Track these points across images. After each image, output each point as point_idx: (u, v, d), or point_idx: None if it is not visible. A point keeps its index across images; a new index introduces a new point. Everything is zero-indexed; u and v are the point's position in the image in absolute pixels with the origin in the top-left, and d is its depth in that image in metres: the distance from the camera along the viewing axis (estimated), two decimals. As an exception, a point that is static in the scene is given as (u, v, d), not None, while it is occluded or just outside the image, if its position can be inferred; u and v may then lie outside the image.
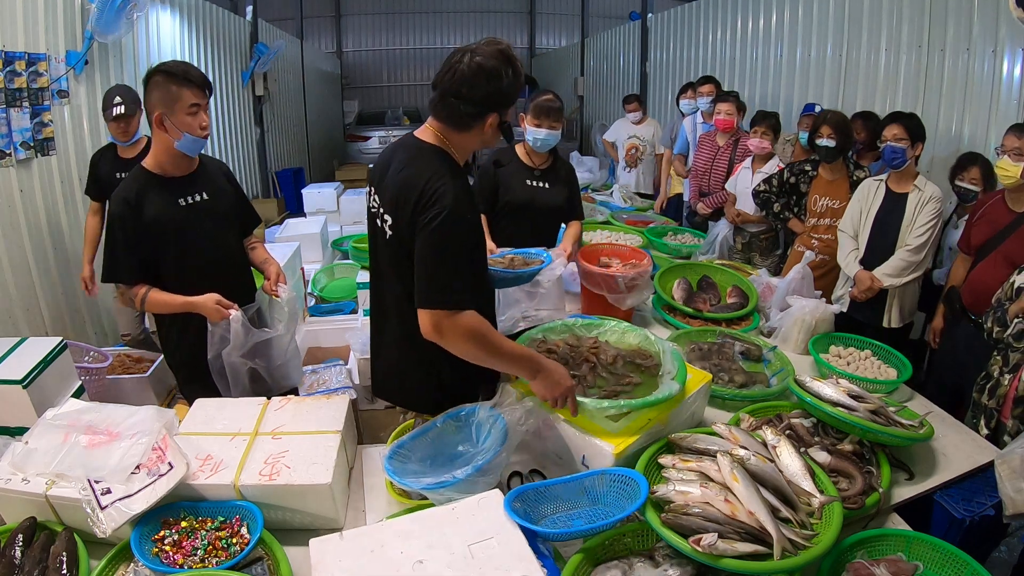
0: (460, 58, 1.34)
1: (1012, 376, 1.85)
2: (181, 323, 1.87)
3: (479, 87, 1.33)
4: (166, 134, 1.74)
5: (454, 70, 1.33)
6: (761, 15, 4.76)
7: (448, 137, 1.42)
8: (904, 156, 2.43)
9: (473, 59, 1.32)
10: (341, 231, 4.81)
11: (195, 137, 1.76)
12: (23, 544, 1.22)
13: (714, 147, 3.78)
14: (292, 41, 8.74)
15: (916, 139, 2.44)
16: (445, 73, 1.35)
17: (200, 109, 1.76)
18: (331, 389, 2.39)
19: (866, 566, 1.18)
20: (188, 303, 1.79)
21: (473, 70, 1.32)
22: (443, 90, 1.36)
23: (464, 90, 1.33)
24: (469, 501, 1.22)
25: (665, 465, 1.32)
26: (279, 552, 1.22)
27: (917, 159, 2.49)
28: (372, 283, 1.62)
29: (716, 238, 3.46)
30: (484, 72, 1.32)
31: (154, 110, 1.71)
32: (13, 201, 3.04)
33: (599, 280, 2.23)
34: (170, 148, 1.77)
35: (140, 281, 1.79)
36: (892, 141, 2.44)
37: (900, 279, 2.45)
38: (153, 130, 1.76)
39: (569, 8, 12.98)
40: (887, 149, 2.46)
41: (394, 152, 1.49)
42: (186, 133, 1.74)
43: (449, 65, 1.35)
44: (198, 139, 1.77)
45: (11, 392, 2.01)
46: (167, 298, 1.80)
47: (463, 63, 1.33)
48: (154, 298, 1.79)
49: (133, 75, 4.14)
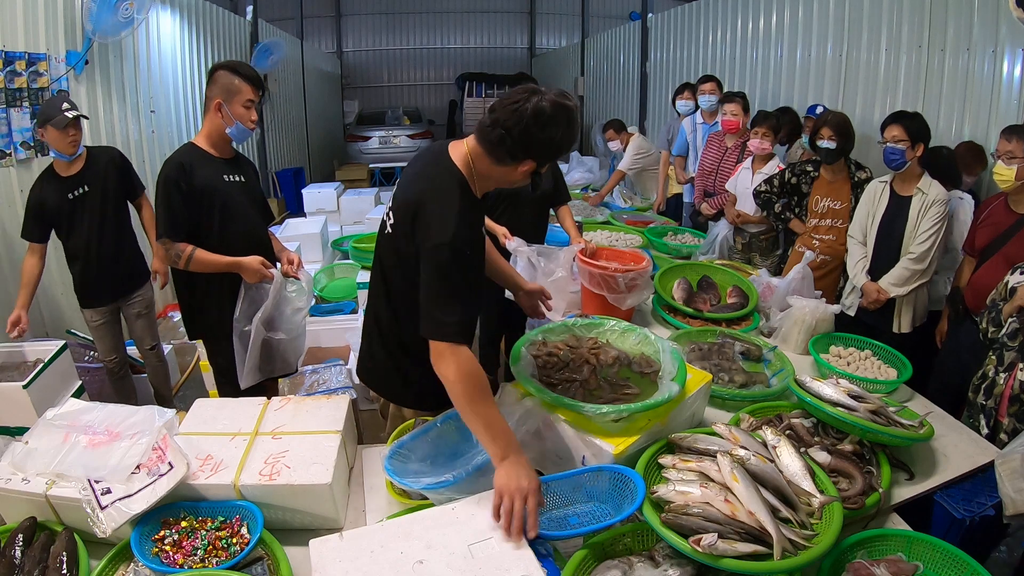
0: (527, 97, 1.31)
1: (1007, 375, 1.85)
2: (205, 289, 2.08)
3: (531, 131, 1.31)
4: (220, 120, 2.01)
5: (516, 105, 1.31)
6: (761, 15, 4.76)
7: (478, 163, 1.40)
8: (903, 158, 2.40)
9: (539, 103, 1.30)
10: (341, 231, 4.81)
11: (244, 128, 2.03)
12: (23, 544, 1.22)
13: (722, 147, 3.77)
14: (292, 41, 8.74)
15: (917, 140, 2.39)
16: (508, 104, 1.32)
17: (253, 106, 2.03)
18: (331, 389, 2.39)
19: (866, 566, 1.18)
20: (233, 262, 2.00)
21: (533, 112, 1.29)
22: (497, 118, 1.33)
23: (516, 128, 1.31)
24: (468, 501, 1.22)
25: (665, 465, 1.32)
26: (279, 552, 1.22)
27: (919, 160, 2.45)
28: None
29: (716, 238, 3.46)
30: (543, 119, 1.30)
31: (215, 97, 1.99)
32: (13, 201, 3.04)
33: (599, 280, 2.23)
34: (221, 132, 2.03)
35: (186, 240, 1.97)
36: (891, 142, 2.40)
37: (905, 288, 2.44)
38: (209, 115, 2.02)
39: (569, 8, 12.97)
40: (886, 150, 2.43)
41: (421, 156, 1.54)
42: (238, 122, 2.01)
43: (514, 98, 1.33)
44: (246, 130, 2.04)
45: (12, 392, 2.02)
46: (213, 257, 1.99)
47: (528, 102, 1.30)
48: (200, 256, 1.97)
49: (133, 75, 4.15)
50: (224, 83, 1.98)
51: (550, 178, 2.61)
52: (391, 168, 10.06)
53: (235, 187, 2.08)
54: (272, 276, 2.06)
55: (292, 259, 2.20)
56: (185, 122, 5.07)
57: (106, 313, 2.77)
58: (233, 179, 2.08)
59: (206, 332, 2.18)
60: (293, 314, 2.17)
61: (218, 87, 1.99)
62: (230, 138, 2.05)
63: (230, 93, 1.98)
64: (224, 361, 2.15)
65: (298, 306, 2.18)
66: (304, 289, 2.19)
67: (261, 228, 2.21)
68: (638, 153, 4.86)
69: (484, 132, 1.36)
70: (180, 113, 4.99)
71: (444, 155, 1.43)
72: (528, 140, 1.32)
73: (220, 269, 2.01)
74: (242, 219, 2.09)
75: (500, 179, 1.43)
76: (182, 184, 1.94)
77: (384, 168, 10.06)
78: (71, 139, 2.47)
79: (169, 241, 1.95)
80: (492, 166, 1.39)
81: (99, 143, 2.81)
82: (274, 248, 2.24)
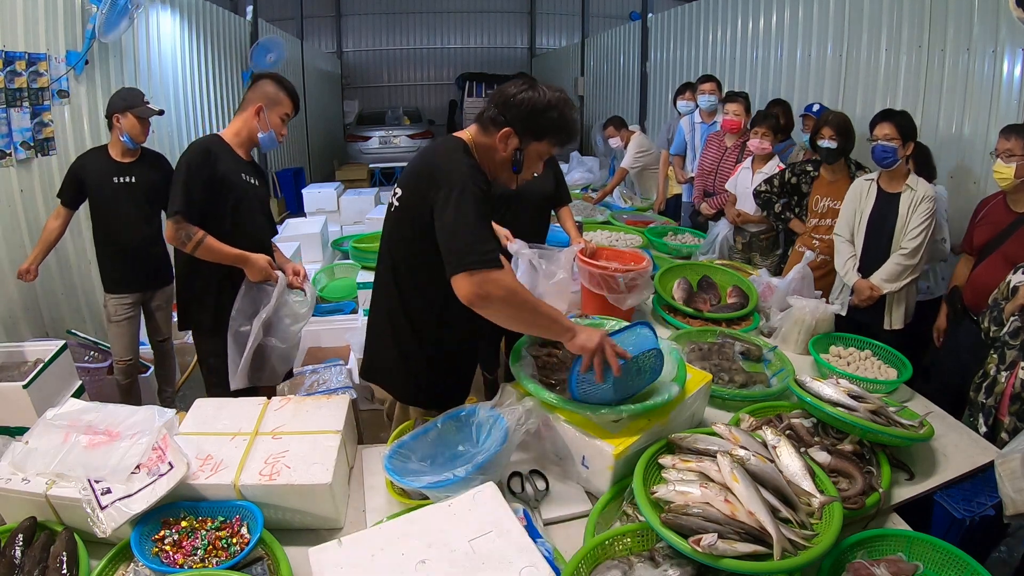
0: (522, 83, 1.45)
1: (1009, 373, 1.85)
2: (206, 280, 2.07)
3: (512, 100, 1.43)
4: (256, 123, 2.08)
5: (513, 85, 1.45)
6: (761, 15, 4.76)
7: (476, 138, 1.50)
8: (895, 155, 2.39)
9: (530, 86, 1.44)
10: (341, 231, 4.81)
11: (274, 138, 2.12)
12: (23, 544, 1.22)
13: (721, 147, 3.77)
14: (292, 41, 8.74)
15: (907, 138, 2.39)
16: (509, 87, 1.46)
17: (287, 120, 2.14)
18: (331, 389, 2.39)
19: (866, 566, 1.18)
20: (241, 255, 2.02)
21: (519, 88, 1.43)
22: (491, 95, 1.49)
23: (499, 98, 1.45)
24: (464, 497, 1.21)
25: (665, 465, 1.32)
26: (279, 552, 1.22)
27: (908, 158, 2.45)
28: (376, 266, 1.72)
29: (716, 238, 3.46)
30: (527, 93, 1.42)
31: (257, 101, 2.07)
32: (13, 201, 3.04)
33: (599, 280, 2.23)
34: (252, 135, 2.10)
35: (199, 225, 1.96)
36: (882, 140, 2.39)
37: (898, 284, 2.43)
38: (244, 116, 2.09)
39: (569, 8, 12.97)
40: (877, 148, 2.42)
41: (426, 145, 1.69)
42: (272, 130, 2.10)
43: (513, 82, 1.47)
44: (275, 140, 2.13)
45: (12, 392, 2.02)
46: (223, 247, 1.99)
47: (522, 84, 1.44)
48: (210, 244, 1.96)
49: (133, 75, 4.15)
50: (268, 91, 2.08)
51: (551, 179, 2.61)
52: (391, 168, 10.06)
53: (250, 188, 2.11)
54: (276, 277, 2.07)
55: (298, 270, 2.21)
56: (185, 122, 5.07)
57: (130, 307, 2.84)
58: (249, 181, 2.11)
59: (198, 325, 2.17)
60: (292, 323, 2.16)
61: (261, 93, 2.07)
62: (256, 143, 2.12)
63: (272, 102, 2.07)
64: (216, 361, 2.13)
65: (297, 316, 2.17)
66: (308, 301, 2.20)
67: (267, 235, 2.23)
68: (640, 151, 4.86)
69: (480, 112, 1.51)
70: (180, 113, 4.99)
71: (448, 136, 1.55)
72: (504, 104, 1.43)
73: (227, 260, 2.01)
74: (252, 220, 2.11)
75: (490, 154, 1.49)
76: (205, 169, 1.95)
77: (384, 168, 10.06)
78: (146, 128, 2.71)
79: (182, 219, 1.92)
80: (482, 136, 1.49)
81: (99, 143, 2.81)
82: (277, 260, 2.24)
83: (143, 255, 2.82)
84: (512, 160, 1.48)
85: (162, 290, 2.97)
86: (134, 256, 2.79)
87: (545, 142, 1.48)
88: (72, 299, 3.44)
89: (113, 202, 2.72)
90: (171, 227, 1.93)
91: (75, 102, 3.46)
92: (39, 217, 3.16)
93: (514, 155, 1.47)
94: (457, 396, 1.69)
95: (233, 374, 2.08)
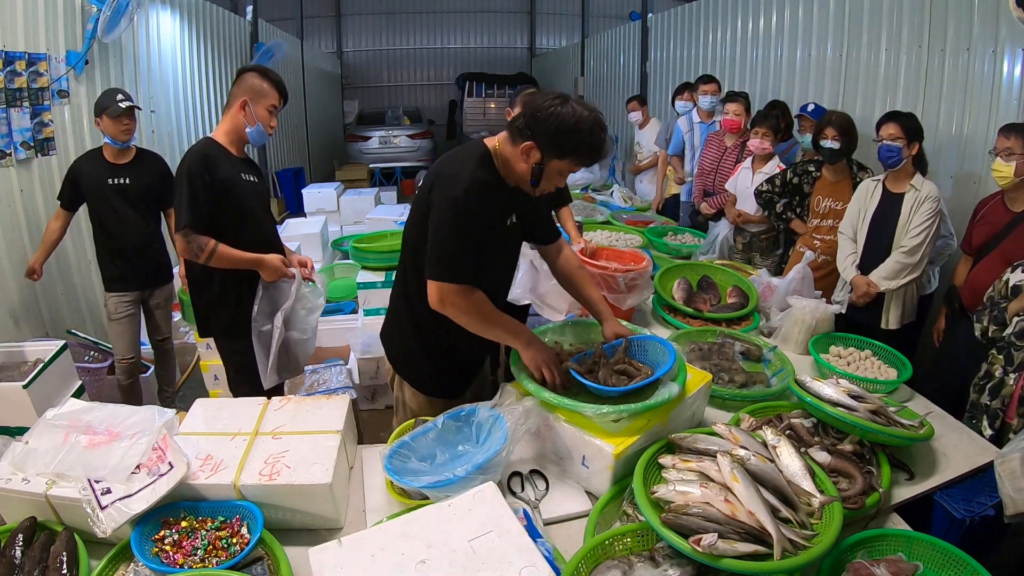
0: (555, 97, 1.42)
1: (1017, 376, 1.84)
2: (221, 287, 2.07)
3: (540, 114, 1.40)
4: (243, 119, 2.03)
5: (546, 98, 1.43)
6: (761, 15, 4.76)
7: (503, 146, 1.50)
8: (900, 155, 2.40)
9: (563, 101, 1.40)
10: (341, 231, 4.81)
11: (263, 131, 2.07)
12: (23, 544, 1.22)
13: (721, 147, 3.77)
14: (292, 41, 8.73)
15: (913, 138, 2.40)
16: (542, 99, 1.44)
17: (276, 112, 2.08)
18: (331, 389, 2.40)
19: (866, 566, 1.18)
20: (255, 258, 2.01)
21: (551, 102, 1.40)
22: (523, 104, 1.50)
23: (528, 109, 1.43)
24: (463, 496, 1.21)
25: (665, 465, 1.32)
26: (279, 552, 1.22)
27: (914, 158, 2.46)
28: None
29: (716, 238, 3.46)
30: (557, 109, 1.39)
31: (241, 96, 2.02)
32: (13, 201, 3.05)
33: (599, 280, 2.23)
34: (240, 131, 2.06)
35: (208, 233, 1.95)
36: (888, 140, 2.40)
37: (896, 282, 2.43)
38: (231, 113, 2.05)
39: (569, 8, 12.97)
40: (882, 148, 2.43)
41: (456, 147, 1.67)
42: (259, 124, 2.04)
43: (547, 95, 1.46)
44: (264, 133, 2.07)
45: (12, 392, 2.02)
46: (236, 253, 1.98)
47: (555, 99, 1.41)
48: (223, 251, 1.95)
49: (133, 75, 4.15)
50: (252, 84, 2.03)
51: None
52: (391, 168, 10.05)
53: (250, 187, 2.10)
54: (292, 275, 2.07)
55: (305, 262, 2.21)
56: (185, 122, 5.07)
57: (130, 304, 2.86)
58: (248, 178, 2.10)
59: (221, 331, 2.16)
60: (307, 314, 2.18)
61: (245, 87, 2.03)
62: (246, 139, 2.08)
63: (257, 94, 2.03)
64: (242, 359, 2.12)
65: (312, 306, 2.19)
66: (320, 290, 2.21)
67: (272, 229, 2.23)
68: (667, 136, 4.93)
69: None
70: (180, 113, 4.99)
71: (473, 141, 1.56)
72: (532, 116, 1.41)
73: (242, 265, 2.01)
74: (256, 218, 2.12)
75: (513, 164, 1.48)
76: (205, 175, 1.93)
77: (384, 168, 10.05)
78: (124, 127, 2.68)
79: (191, 232, 1.91)
80: (508, 145, 1.48)
81: (99, 144, 2.81)
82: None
83: (142, 254, 2.84)
84: (532, 173, 1.46)
85: (161, 288, 2.98)
86: (133, 255, 2.82)
87: (567, 160, 1.44)
88: (72, 299, 3.44)
89: (109, 203, 2.74)
90: (181, 241, 1.92)
91: (75, 102, 3.46)
92: (39, 217, 3.16)
93: (534, 169, 1.45)
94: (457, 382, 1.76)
95: (264, 374, 2.08)
